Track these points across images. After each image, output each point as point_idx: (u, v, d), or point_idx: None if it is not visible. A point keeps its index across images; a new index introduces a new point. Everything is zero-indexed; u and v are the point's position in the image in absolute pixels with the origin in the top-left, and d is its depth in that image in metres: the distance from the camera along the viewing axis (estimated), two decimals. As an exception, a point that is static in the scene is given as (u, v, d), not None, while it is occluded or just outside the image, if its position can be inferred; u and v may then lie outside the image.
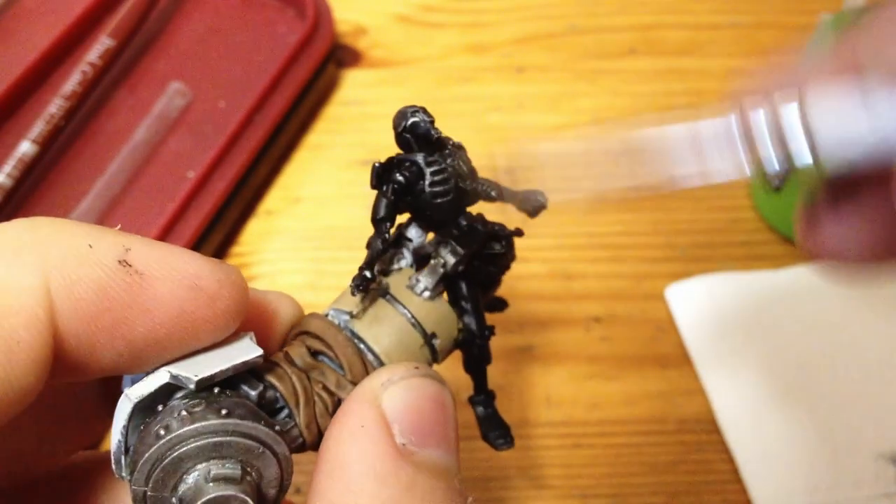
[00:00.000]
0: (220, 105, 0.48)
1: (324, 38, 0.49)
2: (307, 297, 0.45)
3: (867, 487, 0.38)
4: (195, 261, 0.20)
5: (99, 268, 0.18)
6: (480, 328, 0.24)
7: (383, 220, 0.23)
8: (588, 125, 0.23)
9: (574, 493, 0.39)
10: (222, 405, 0.19)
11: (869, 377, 0.41)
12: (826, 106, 0.19)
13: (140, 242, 0.19)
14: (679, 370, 0.42)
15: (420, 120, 0.23)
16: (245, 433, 0.19)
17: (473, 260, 0.24)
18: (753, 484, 0.38)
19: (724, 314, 0.43)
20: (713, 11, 0.55)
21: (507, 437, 0.25)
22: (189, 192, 0.43)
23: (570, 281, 0.45)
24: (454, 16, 0.55)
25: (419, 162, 0.23)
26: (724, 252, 0.45)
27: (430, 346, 0.23)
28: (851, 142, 0.19)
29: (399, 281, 0.23)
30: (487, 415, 0.25)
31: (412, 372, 0.21)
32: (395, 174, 0.23)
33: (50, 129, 0.44)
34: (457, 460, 0.21)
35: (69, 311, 0.18)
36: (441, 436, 0.20)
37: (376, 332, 0.22)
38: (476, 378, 0.25)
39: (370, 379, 0.21)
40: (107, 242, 0.19)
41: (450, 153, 0.23)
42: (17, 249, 0.18)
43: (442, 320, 0.23)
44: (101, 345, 0.19)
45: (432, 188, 0.23)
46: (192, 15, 0.52)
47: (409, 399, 0.20)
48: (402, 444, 0.20)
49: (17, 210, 0.44)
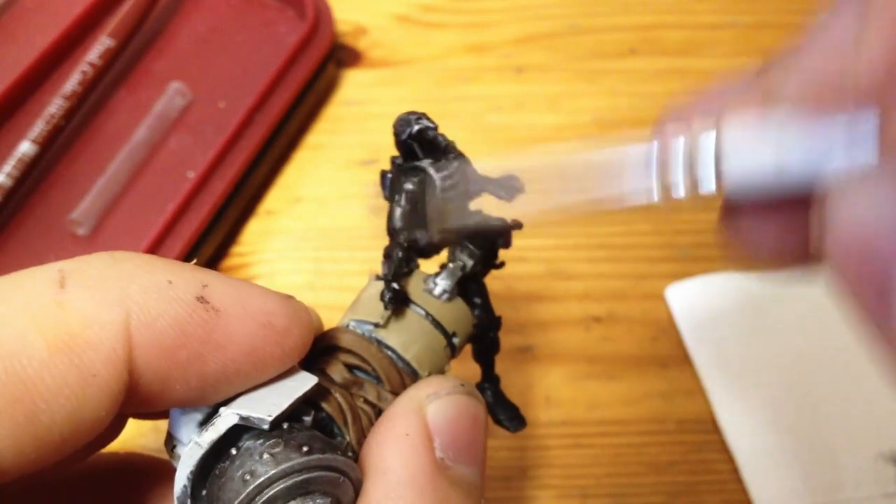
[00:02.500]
0: (220, 105, 0.48)
1: (324, 39, 0.49)
2: (307, 297, 0.45)
3: (867, 487, 0.38)
4: (268, 298, 0.20)
5: (178, 304, 0.19)
6: (492, 320, 0.24)
7: (401, 229, 0.23)
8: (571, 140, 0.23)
9: (574, 493, 0.39)
10: (300, 442, 0.19)
11: (868, 377, 0.41)
12: (737, 135, 0.19)
13: (216, 279, 0.20)
14: (679, 370, 0.42)
15: (425, 127, 0.23)
16: (327, 466, 0.19)
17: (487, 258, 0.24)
18: (753, 484, 0.38)
19: (724, 314, 0.43)
20: (713, 11, 0.55)
21: (519, 417, 0.26)
22: (189, 192, 0.43)
23: (570, 281, 0.45)
24: (454, 16, 0.55)
25: (428, 169, 0.23)
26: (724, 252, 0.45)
27: (451, 346, 0.23)
28: (756, 172, 0.19)
29: (415, 284, 0.24)
30: (497, 399, 0.26)
31: (458, 388, 0.21)
32: (406, 184, 0.23)
33: (50, 129, 0.44)
34: (484, 479, 0.21)
35: (147, 347, 0.18)
36: (474, 454, 0.21)
37: (404, 340, 0.23)
38: (486, 367, 0.25)
39: (416, 388, 0.21)
40: (185, 278, 0.19)
41: (456, 157, 0.23)
42: (101, 284, 0.18)
43: (460, 319, 0.24)
44: (174, 380, 0.19)
45: (444, 193, 0.23)
46: (192, 15, 0.52)
47: (452, 414, 0.21)
48: (441, 458, 0.20)
49: (17, 210, 0.44)
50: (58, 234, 0.44)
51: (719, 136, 0.19)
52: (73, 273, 0.18)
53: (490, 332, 0.25)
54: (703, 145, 0.19)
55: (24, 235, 0.44)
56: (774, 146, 0.19)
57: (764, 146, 0.19)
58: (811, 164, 0.18)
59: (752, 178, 0.19)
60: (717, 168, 0.19)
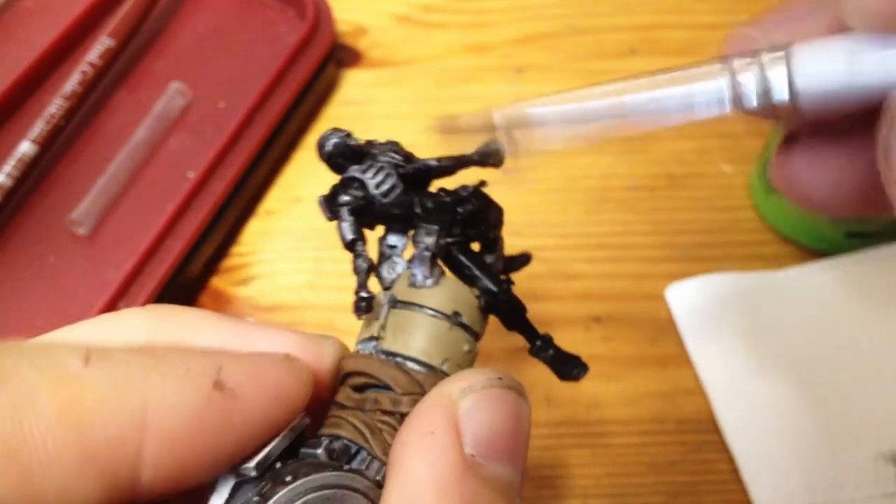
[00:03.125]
0: (220, 105, 0.48)
1: (324, 39, 0.49)
2: (307, 297, 0.45)
3: (867, 487, 0.38)
4: (277, 366, 0.20)
5: (196, 393, 0.19)
6: (496, 284, 0.24)
7: (354, 241, 0.23)
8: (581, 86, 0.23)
9: (574, 493, 0.39)
10: (286, 474, 0.19)
11: (869, 377, 0.41)
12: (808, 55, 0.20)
13: (230, 359, 0.20)
14: (679, 370, 0.42)
15: (338, 139, 0.23)
16: (316, 486, 0.19)
17: (453, 229, 0.24)
18: (753, 484, 0.38)
19: (724, 314, 0.43)
20: (713, 11, 0.55)
21: (581, 365, 0.25)
22: (189, 192, 0.43)
23: (570, 281, 0.45)
24: (454, 16, 0.55)
25: (356, 175, 0.23)
26: (724, 252, 0.45)
27: (460, 325, 0.23)
28: (828, 83, 0.20)
29: (402, 285, 0.23)
30: (556, 355, 0.25)
31: (493, 381, 0.20)
32: (340, 197, 0.23)
33: (50, 129, 0.44)
34: (521, 478, 0.20)
35: (163, 440, 0.18)
36: (511, 451, 0.20)
37: (403, 340, 0.22)
38: (522, 331, 0.25)
39: (447, 383, 0.20)
40: (201, 364, 0.19)
41: (377, 152, 0.23)
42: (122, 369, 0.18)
43: (456, 296, 0.23)
44: (189, 467, 0.19)
45: (379, 189, 0.23)
46: (192, 15, 0.52)
47: (487, 410, 0.20)
48: (471, 456, 0.19)
49: (17, 210, 0.44)
50: (58, 234, 0.44)
51: (790, 56, 0.20)
52: (98, 352, 0.18)
53: (500, 297, 0.24)
54: (776, 62, 0.20)
55: (24, 235, 0.44)
56: (846, 63, 0.19)
57: (836, 63, 0.20)
58: (884, 78, 0.19)
59: (824, 88, 0.20)
60: (789, 79, 0.20)
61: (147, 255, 0.42)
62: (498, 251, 0.26)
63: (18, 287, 0.42)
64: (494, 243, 0.25)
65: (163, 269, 0.42)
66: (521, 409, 0.21)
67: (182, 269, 0.43)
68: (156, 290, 0.41)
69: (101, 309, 0.40)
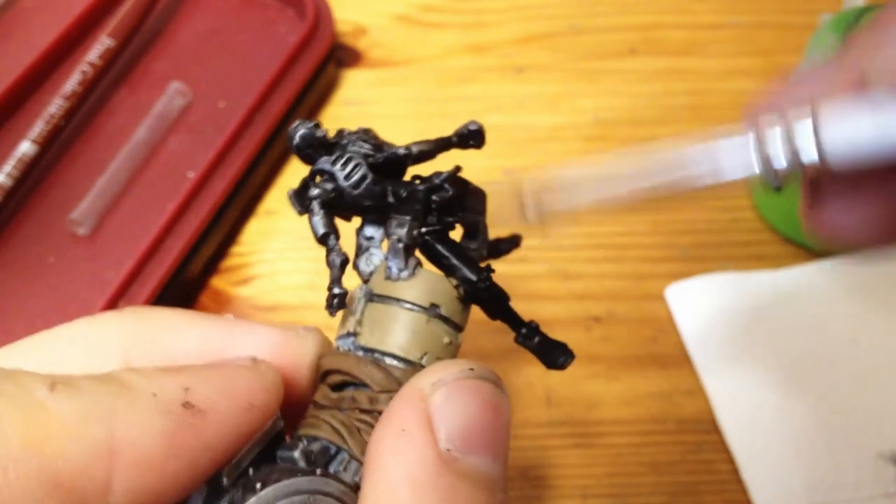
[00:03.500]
0: (220, 105, 0.48)
1: (324, 39, 0.49)
2: (307, 297, 0.45)
3: (867, 487, 0.38)
4: (245, 376, 0.20)
5: (164, 417, 0.18)
6: (475, 273, 0.23)
7: (326, 235, 0.23)
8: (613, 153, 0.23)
9: (574, 493, 0.39)
10: (256, 481, 0.19)
11: (869, 377, 0.41)
12: (835, 113, 0.20)
13: (196, 377, 0.19)
14: (679, 370, 0.42)
15: (306, 130, 0.22)
16: (287, 493, 0.19)
17: (428, 217, 0.23)
18: (753, 484, 0.38)
19: (724, 314, 0.43)
20: (713, 11, 0.55)
21: (568, 352, 0.24)
22: (189, 192, 0.43)
23: (570, 281, 0.45)
24: (454, 16, 0.55)
25: (325, 167, 0.22)
26: (724, 252, 0.45)
27: (438, 318, 0.22)
28: (856, 141, 0.20)
29: (378, 278, 0.23)
30: (542, 343, 0.24)
31: (466, 372, 0.20)
32: (310, 191, 0.22)
33: (50, 129, 0.44)
34: (503, 470, 0.20)
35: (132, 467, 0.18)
36: (489, 443, 0.19)
37: (381, 335, 0.22)
38: (506, 319, 0.24)
39: (419, 377, 0.20)
40: (167, 387, 0.19)
41: (347, 142, 0.23)
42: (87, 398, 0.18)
43: (434, 287, 0.22)
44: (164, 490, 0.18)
45: (348, 180, 0.22)
46: (192, 15, 0.52)
47: (460, 402, 0.19)
48: (446, 450, 0.19)
49: (17, 210, 0.44)
50: (58, 234, 0.44)
51: (817, 115, 0.20)
52: (64, 380, 0.18)
53: (479, 286, 0.23)
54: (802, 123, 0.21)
55: (24, 235, 0.44)
56: (873, 119, 0.20)
57: (863, 119, 0.20)
58: None
59: (852, 146, 0.20)
60: (817, 139, 0.20)
61: (147, 255, 0.42)
62: (481, 236, 0.25)
63: (18, 287, 0.42)
64: (476, 228, 0.24)
65: (163, 269, 0.42)
66: (497, 400, 0.20)
67: (182, 269, 0.43)
68: (156, 290, 0.41)
69: (100, 309, 0.40)
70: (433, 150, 0.24)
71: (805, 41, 0.43)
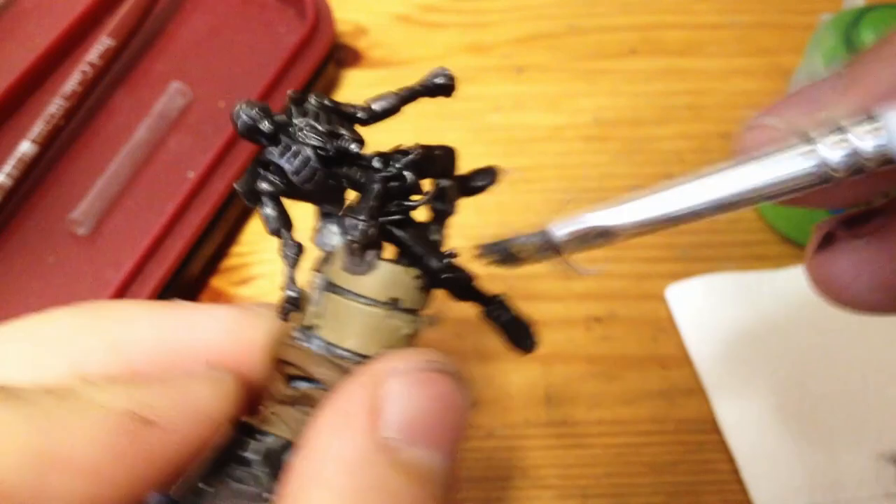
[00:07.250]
0: (220, 105, 0.48)
1: (324, 39, 0.49)
2: (307, 297, 0.45)
3: (867, 487, 0.38)
4: (198, 384, 0.20)
5: (109, 428, 0.18)
6: (437, 260, 0.22)
7: (278, 229, 0.22)
8: None
9: (574, 493, 0.39)
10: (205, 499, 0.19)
11: (869, 377, 0.41)
12: None
13: (146, 388, 0.19)
14: (679, 370, 0.42)
15: (248, 119, 0.21)
16: None
17: (385, 206, 0.22)
18: (753, 484, 0.38)
19: (725, 314, 0.43)
20: (713, 11, 0.55)
21: (533, 336, 0.24)
22: (189, 192, 0.43)
23: (570, 281, 0.45)
24: (454, 16, 0.55)
25: (272, 159, 0.21)
26: (724, 252, 0.45)
27: (399, 311, 0.21)
28: None
29: (336, 266, 0.22)
30: (511, 320, 0.23)
31: (424, 364, 0.19)
32: (259, 185, 0.21)
33: (50, 129, 0.44)
34: (449, 468, 0.19)
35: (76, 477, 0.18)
36: (436, 437, 0.19)
37: (339, 331, 0.21)
38: (473, 299, 0.23)
39: (377, 362, 0.19)
40: (115, 398, 0.19)
41: (294, 129, 0.21)
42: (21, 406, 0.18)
43: (394, 282, 0.21)
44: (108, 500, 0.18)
45: (298, 176, 0.21)
46: (192, 15, 0.52)
47: (412, 392, 0.19)
48: (386, 438, 0.18)
49: (17, 210, 0.44)
50: (58, 234, 0.44)
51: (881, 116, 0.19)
52: (7, 391, 0.18)
53: (440, 274, 0.21)
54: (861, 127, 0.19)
55: (24, 235, 0.44)
56: None
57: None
58: None
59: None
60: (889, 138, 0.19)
61: (147, 255, 0.42)
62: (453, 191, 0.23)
63: (18, 287, 0.42)
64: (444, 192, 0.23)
65: (163, 269, 0.42)
66: (453, 395, 0.19)
67: (182, 269, 0.43)
68: (156, 290, 0.41)
69: (101, 309, 0.40)
70: (397, 103, 0.23)
71: (805, 41, 0.43)
